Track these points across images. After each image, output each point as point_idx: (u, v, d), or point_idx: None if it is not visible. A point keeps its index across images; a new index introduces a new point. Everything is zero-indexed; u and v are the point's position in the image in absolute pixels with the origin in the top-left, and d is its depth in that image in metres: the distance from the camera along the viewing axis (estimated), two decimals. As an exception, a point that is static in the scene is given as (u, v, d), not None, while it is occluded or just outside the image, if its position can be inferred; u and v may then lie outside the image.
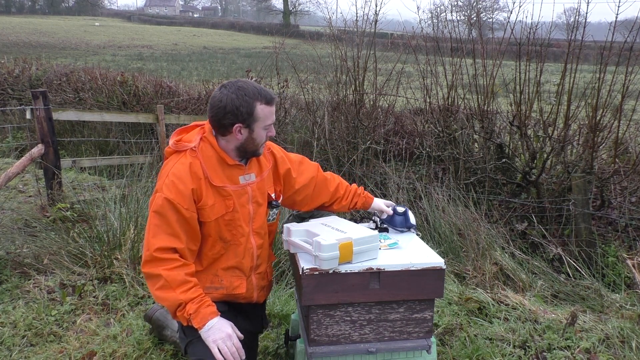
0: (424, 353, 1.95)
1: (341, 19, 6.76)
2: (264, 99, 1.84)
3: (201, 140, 1.89)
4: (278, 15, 63.29)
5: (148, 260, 1.78)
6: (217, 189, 1.88)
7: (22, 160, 4.34)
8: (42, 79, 9.21)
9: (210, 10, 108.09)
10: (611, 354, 2.49)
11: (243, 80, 1.88)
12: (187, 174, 1.82)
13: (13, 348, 2.57)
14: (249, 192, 1.96)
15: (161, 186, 1.82)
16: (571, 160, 4.53)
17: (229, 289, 1.99)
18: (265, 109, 1.85)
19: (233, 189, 1.91)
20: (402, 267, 1.84)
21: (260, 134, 1.88)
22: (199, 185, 1.84)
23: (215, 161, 1.89)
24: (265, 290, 2.17)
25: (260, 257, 2.06)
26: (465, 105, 5.10)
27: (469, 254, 3.58)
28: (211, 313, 1.80)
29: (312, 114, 6.01)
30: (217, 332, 1.77)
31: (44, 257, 3.37)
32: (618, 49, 4.12)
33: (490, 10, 27.76)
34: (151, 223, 1.80)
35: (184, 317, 1.79)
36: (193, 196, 1.83)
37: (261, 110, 1.84)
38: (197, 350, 1.84)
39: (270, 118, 1.88)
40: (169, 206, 1.79)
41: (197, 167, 1.85)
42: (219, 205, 1.89)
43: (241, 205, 1.94)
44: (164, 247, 1.78)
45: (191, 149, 1.86)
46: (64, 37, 33.76)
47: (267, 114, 1.86)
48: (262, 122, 1.86)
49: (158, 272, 1.76)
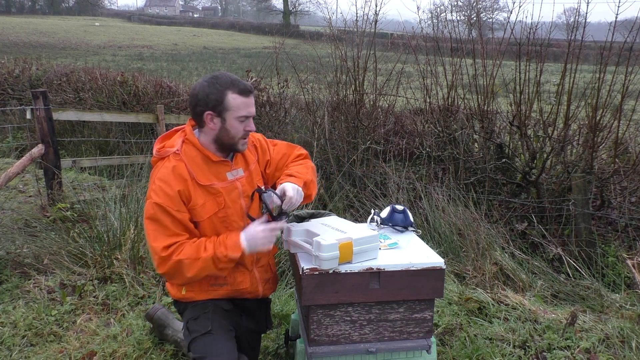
0: (424, 353, 1.95)
1: (341, 19, 6.76)
2: (237, 88, 1.84)
3: (183, 142, 1.92)
4: (278, 15, 63.27)
5: (160, 262, 1.81)
6: (206, 187, 1.90)
7: (22, 160, 4.34)
8: (42, 79, 9.20)
9: (210, 10, 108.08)
10: (611, 354, 2.49)
11: (222, 72, 1.90)
12: (171, 176, 1.85)
13: (13, 348, 2.57)
14: (239, 187, 1.98)
15: (150, 193, 1.85)
16: (571, 160, 4.53)
17: (233, 284, 2.01)
18: (237, 98, 1.85)
19: (222, 186, 1.93)
20: (402, 267, 1.84)
21: (233, 124, 1.87)
22: (185, 187, 1.86)
23: (200, 160, 1.91)
24: (271, 283, 2.18)
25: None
26: (465, 105, 5.10)
27: (469, 254, 3.58)
28: (235, 236, 1.86)
29: (312, 114, 6.01)
30: (254, 240, 1.85)
31: (44, 257, 3.37)
32: (618, 49, 4.12)
33: (490, 10, 27.77)
34: (149, 229, 1.83)
35: (227, 262, 1.84)
36: (181, 198, 1.85)
37: (233, 100, 1.84)
38: (201, 348, 1.85)
39: (244, 109, 1.87)
40: (160, 210, 1.81)
41: (181, 169, 1.86)
42: (210, 203, 1.91)
43: (232, 201, 1.96)
44: (167, 244, 1.80)
45: (174, 152, 1.89)
46: (64, 37, 33.75)
47: (239, 104, 1.85)
48: (234, 111, 1.85)
49: (174, 260, 1.79)
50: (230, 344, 1.87)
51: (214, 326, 1.89)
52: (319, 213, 2.32)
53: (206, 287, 1.99)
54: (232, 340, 1.90)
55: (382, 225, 2.26)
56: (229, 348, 1.85)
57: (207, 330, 1.88)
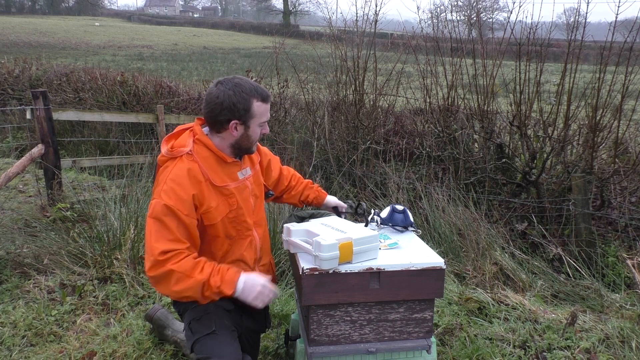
0: (424, 353, 1.95)
1: (341, 19, 6.77)
2: (260, 96, 1.86)
3: (194, 143, 1.88)
4: (278, 15, 63.25)
5: (153, 265, 1.72)
6: (219, 189, 1.89)
7: (22, 160, 4.34)
8: (42, 79, 9.20)
9: (210, 10, 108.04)
10: (611, 354, 2.49)
11: (239, 77, 1.90)
12: (186, 180, 1.80)
13: (13, 348, 2.57)
14: (249, 185, 2.00)
15: (159, 193, 1.78)
16: (571, 160, 4.53)
17: None
18: (262, 106, 1.88)
19: (234, 186, 1.94)
20: (402, 267, 1.84)
21: (255, 130, 1.90)
22: (199, 190, 1.82)
23: (213, 161, 1.89)
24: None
25: (262, 249, 2.09)
26: (465, 105, 5.09)
27: (469, 254, 3.58)
28: (235, 273, 1.79)
29: (312, 114, 6.01)
30: (251, 288, 1.79)
31: (44, 257, 3.37)
32: (618, 49, 4.12)
33: (490, 10, 27.75)
34: (152, 229, 1.76)
35: (213, 293, 1.76)
36: (194, 202, 1.80)
37: (257, 107, 1.86)
38: (205, 348, 1.85)
39: (266, 115, 1.91)
40: (168, 212, 1.75)
41: (196, 171, 1.83)
42: (222, 205, 1.89)
43: (244, 200, 1.97)
44: (166, 249, 1.73)
45: (187, 153, 1.84)
46: (64, 37, 33.73)
47: (263, 111, 1.89)
48: (257, 119, 1.88)
49: (167, 268, 1.71)
50: (235, 344, 1.87)
51: (217, 326, 1.88)
52: (319, 213, 2.32)
53: None
54: (235, 341, 1.90)
55: (382, 225, 2.26)
56: (233, 348, 1.84)
57: (211, 331, 1.87)
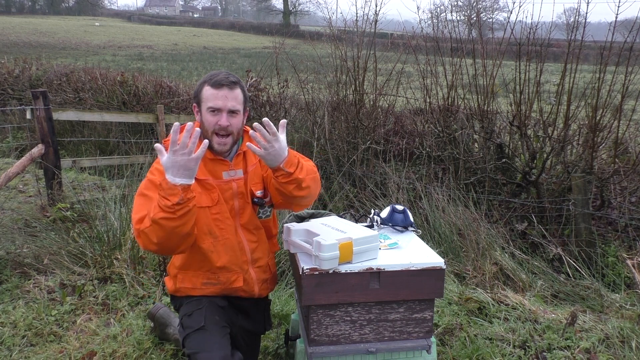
0: (424, 353, 1.95)
1: (341, 19, 6.77)
2: (212, 82, 1.92)
3: None
4: (278, 15, 63.24)
5: (136, 234, 1.80)
6: (200, 181, 1.94)
7: (22, 160, 4.34)
8: (42, 79, 9.20)
9: (210, 10, 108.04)
10: (611, 354, 2.49)
11: (219, 70, 1.99)
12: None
13: (13, 348, 2.57)
14: (234, 187, 2.00)
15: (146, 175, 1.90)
16: (571, 160, 4.53)
17: (225, 283, 2.03)
18: (209, 90, 1.92)
19: (216, 183, 1.97)
20: (402, 267, 1.84)
21: (206, 116, 1.93)
22: None
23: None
24: (269, 283, 2.18)
25: (256, 252, 2.08)
26: (465, 105, 5.09)
27: (469, 254, 3.58)
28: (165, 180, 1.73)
29: (312, 114, 6.01)
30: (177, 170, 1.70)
31: (44, 257, 3.37)
32: (618, 49, 4.12)
33: (490, 10, 27.69)
34: (135, 204, 1.85)
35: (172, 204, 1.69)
36: None
37: (205, 91, 1.93)
38: (194, 343, 1.87)
39: (212, 100, 1.91)
40: (151, 186, 1.85)
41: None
42: (205, 196, 1.94)
43: (226, 200, 1.99)
44: (141, 216, 1.78)
45: None
46: (64, 37, 33.72)
47: (209, 95, 1.92)
48: (205, 103, 1.92)
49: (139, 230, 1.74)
50: (223, 340, 1.88)
51: (207, 322, 1.91)
52: (319, 213, 2.32)
53: (199, 284, 2.02)
54: (225, 336, 1.91)
55: (382, 225, 2.27)
56: (221, 344, 1.85)
57: (200, 326, 1.89)
